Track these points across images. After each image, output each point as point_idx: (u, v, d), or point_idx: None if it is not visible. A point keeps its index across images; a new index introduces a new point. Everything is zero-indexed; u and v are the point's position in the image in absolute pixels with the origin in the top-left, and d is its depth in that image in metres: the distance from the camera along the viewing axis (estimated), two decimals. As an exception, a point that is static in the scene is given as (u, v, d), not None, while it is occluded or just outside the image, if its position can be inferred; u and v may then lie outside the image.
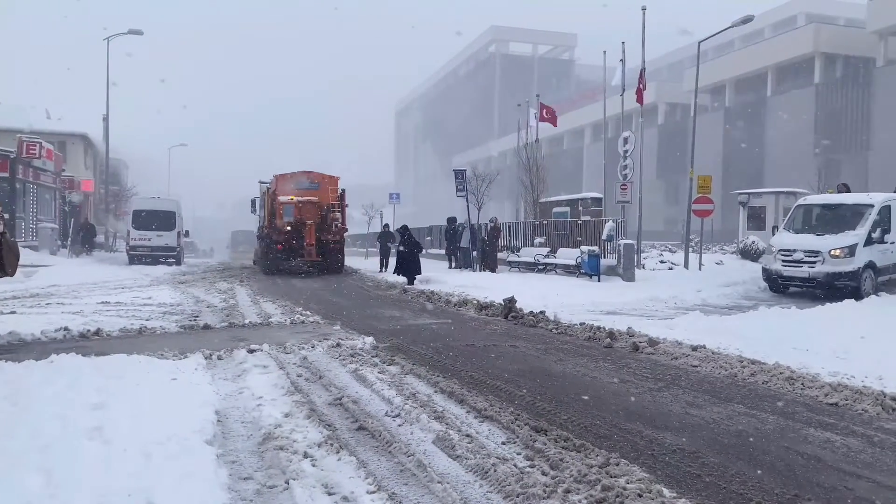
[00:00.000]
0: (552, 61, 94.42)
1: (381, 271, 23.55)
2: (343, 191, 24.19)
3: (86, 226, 31.95)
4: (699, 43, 22.45)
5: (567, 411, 5.45)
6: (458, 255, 24.47)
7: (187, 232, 31.80)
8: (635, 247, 19.56)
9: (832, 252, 14.02)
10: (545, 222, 24.51)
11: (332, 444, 4.50)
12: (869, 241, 14.03)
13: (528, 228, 26.28)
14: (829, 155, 41.19)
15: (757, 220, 25.23)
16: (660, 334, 8.83)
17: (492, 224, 23.07)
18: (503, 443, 4.63)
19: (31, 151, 28.69)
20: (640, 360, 7.66)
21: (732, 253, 25.41)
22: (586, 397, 5.94)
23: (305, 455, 4.31)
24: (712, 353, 7.73)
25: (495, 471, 4.01)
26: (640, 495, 3.66)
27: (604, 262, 18.30)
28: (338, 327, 10.04)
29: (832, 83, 43.61)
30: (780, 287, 14.97)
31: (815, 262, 14.18)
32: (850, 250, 13.90)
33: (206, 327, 9.85)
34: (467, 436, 4.73)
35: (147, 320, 10.44)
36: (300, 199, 22.71)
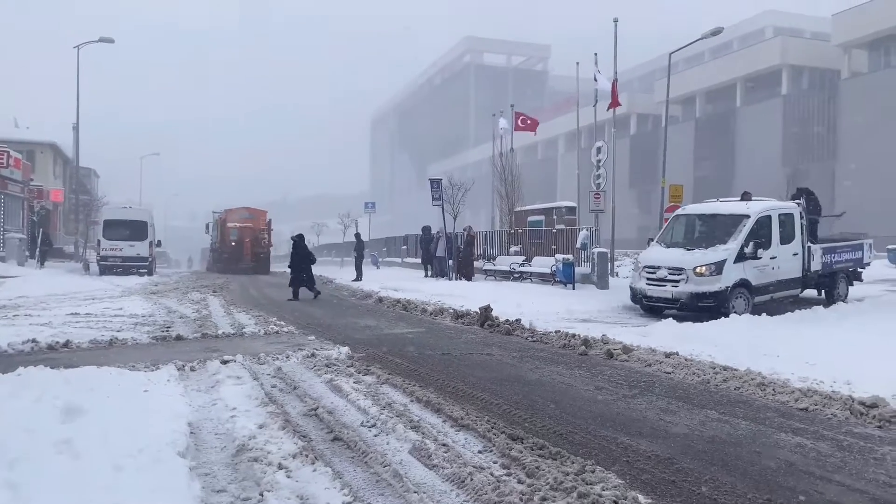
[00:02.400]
0: (526, 72, 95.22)
1: (355, 280, 23.47)
2: (270, 220, 35.82)
3: (43, 239, 29.73)
4: (670, 55, 22.79)
5: (543, 419, 5.47)
6: (434, 264, 24.48)
7: (159, 242, 31.37)
8: (609, 255, 19.73)
9: (697, 270, 12.38)
10: (520, 231, 24.63)
11: (306, 456, 4.46)
12: (741, 257, 12.43)
13: (503, 237, 26.37)
14: (796, 164, 41.99)
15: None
16: (634, 342, 8.91)
17: (466, 233, 23.13)
18: (480, 451, 4.63)
19: (-2, 160, 28.13)
20: (615, 368, 7.71)
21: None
22: (562, 405, 5.97)
23: (280, 466, 4.27)
24: (685, 359, 7.81)
25: (472, 479, 4.01)
26: (615, 502, 3.69)
27: (578, 270, 18.42)
28: (313, 337, 9.97)
29: (799, 94, 44.53)
30: (648, 307, 13.28)
31: (678, 281, 12.56)
32: (717, 268, 12.28)
33: (179, 338, 9.72)
34: (444, 445, 4.72)
35: (118, 331, 10.27)
36: (241, 225, 33.73)
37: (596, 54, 23.28)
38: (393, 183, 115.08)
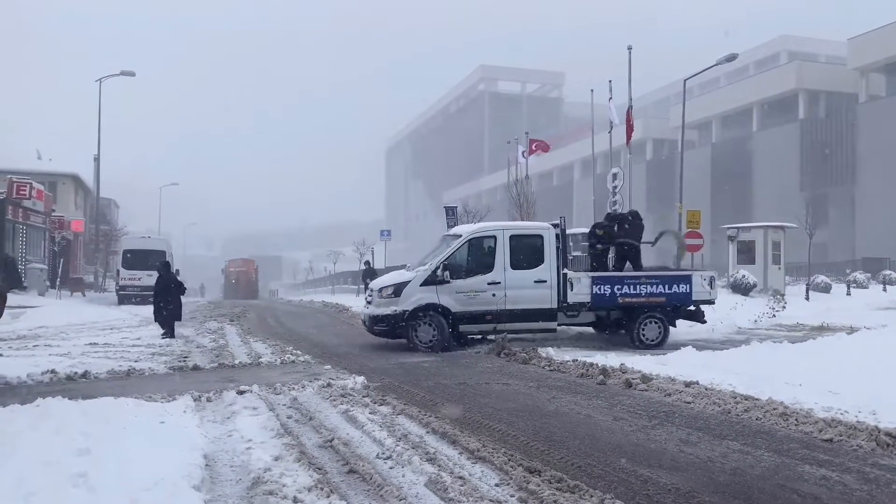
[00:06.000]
0: (540, 99, 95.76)
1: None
2: (258, 266, 54.80)
3: (5, 261, 27.24)
4: (685, 80, 22.88)
5: (561, 451, 5.39)
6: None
7: (177, 271, 31.60)
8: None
9: (381, 291, 12.05)
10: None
11: (322, 489, 4.42)
12: (433, 280, 11.72)
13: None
14: (815, 189, 41.68)
15: (747, 254, 25.38)
16: (653, 370, 8.79)
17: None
18: (496, 484, 4.57)
19: (21, 192, 28.61)
20: (634, 397, 7.61)
21: (723, 287, 25.47)
22: (580, 436, 5.89)
23: (295, 500, 4.24)
24: (706, 389, 7.69)
25: (489, 514, 3.94)
26: (635, 538, 3.61)
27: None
28: (328, 367, 9.95)
29: (816, 119, 44.35)
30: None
31: (370, 303, 12.41)
32: (396, 290, 11.82)
33: (196, 368, 9.75)
34: (460, 478, 4.66)
35: (136, 362, 10.32)
36: (237, 269, 51.81)
37: (610, 81, 23.39)
38: (408, 210, 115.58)
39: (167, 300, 14.56)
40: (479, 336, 12.50)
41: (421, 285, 11.76)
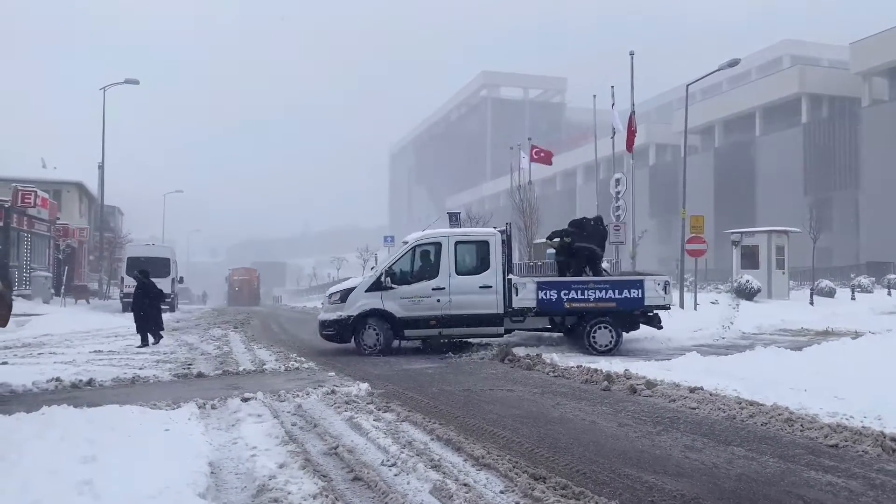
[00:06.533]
0: (543, 105, 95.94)
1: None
2: (259, 274, 59.89)
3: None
4: (687, 86, 22.87)
5: (565, 457, 5.38)
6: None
7: (181, 278, 31.73)
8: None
9: (330, 297, 12.68)
10: (539, 263, 24.51)
11: (327, 496, 4.42)
12: (378, 286, 12.06)
13: (522, 270, 26.26)
14: (819, 193, 41.63)
15: (750, 258, 25.36)
16: (657, 376, 8.77)
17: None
18: (501, 491, 4.56)
19: (26, 200, 28.71)
20: (638, 403, 7.60)
21: (727, 292, 25.45)
22: (585, 442, 5.88)
23: (300, 508, 4.23)
24: (710, 394, 7.67)
25: (494, 521, 3.94)
26: (641, 544, 3.60)
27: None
28: (332, 373, 9.94)
29: (819, 123, 44.34)
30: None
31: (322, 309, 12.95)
32: (342, 296, 12.31)
33: (200, 375, 9.75)
34: (465, 485, 4.65)
35: (140, 369, 10.33)
36: (240, 278, 56.23)
37: (613, 87, 23.36)
38: (411, 216, 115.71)
39: (146, 308, 14.28)
40: (478, 341, 12.63)
41: (366, 291, 12.07)
